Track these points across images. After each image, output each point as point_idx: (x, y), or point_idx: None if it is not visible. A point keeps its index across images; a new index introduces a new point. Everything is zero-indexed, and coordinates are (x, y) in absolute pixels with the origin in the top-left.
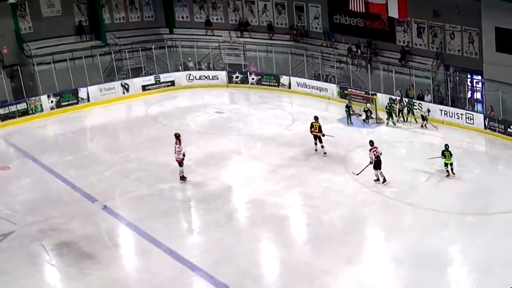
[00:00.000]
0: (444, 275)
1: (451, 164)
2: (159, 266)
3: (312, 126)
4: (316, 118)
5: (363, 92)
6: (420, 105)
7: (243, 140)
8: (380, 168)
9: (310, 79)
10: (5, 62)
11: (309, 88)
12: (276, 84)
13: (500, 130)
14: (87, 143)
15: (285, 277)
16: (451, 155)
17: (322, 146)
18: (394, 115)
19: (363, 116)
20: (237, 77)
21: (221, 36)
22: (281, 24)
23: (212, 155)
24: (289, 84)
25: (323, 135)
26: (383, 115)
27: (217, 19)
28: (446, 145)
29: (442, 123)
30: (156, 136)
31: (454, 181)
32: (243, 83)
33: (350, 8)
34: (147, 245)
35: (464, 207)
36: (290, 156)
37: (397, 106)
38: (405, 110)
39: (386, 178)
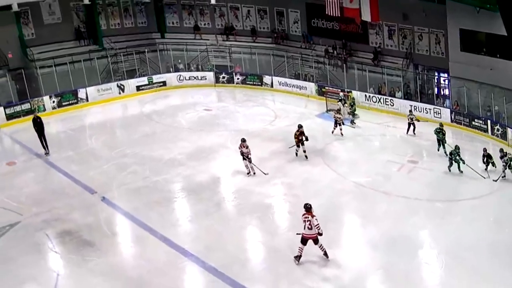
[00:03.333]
0: (416, 257)
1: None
2: (154, 252)
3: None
4: (300, 126)
5: (339, 90)
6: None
7: (230, 135)
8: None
9: (291, 78)
10: (10, 66)
11: (290, 86)
12: (260, 84)
13: (465, 123)
14: (86, 140)
15: (270, 261)
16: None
17: (304, 151)
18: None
19: (350, 118)
20: (223, 77)
21: (208, 40)
22: (264, 28)
23: (202, 149)
24: (272, 83)
25: (306, 139)
26: (358, 111)
27: (204, 24)
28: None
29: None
30: (150, 132)
31: (423, 170)
32: (229, 83)
33: (327, 12)
34: (143, 233)
35: (433, 194)
36: (272, 150)
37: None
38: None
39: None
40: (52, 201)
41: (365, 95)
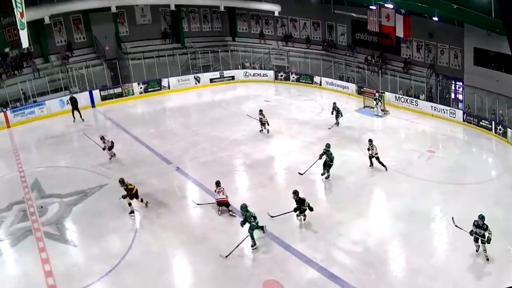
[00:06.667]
0: (429, 228)
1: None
2: (216, 214)
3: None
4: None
5: (375, 91)
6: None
7: (284, 123)
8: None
9: (336, 79)
10: (106, 57)
11: (335, 86)
12: (311, 82)
13: (474, 123)
14: (166, 120)
15: (312, 226)
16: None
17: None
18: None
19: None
20: (281, 75)
21: (271, 44)
22: (316, 37)
23: (260, 132)
24: (320, 82)
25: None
26: (389, 108)
27: (268, 32)
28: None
29: (432, 116)
30: (219, 117)
31: (439, 158)
32: (285, 80)
33: (368, 28)
34: (208, 198)
35: (446, 178)
36: (318, 136)
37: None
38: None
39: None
40: (134, 169)
41: (395, 96)
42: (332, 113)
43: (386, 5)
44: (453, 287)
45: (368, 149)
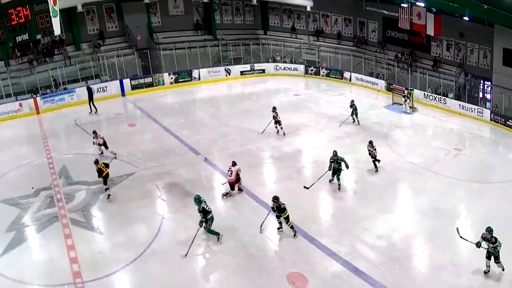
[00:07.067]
0: (454, 225)
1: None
2: (242, 205)
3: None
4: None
5: (404, 88)
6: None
7: (313, 117)
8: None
9: (366, 75)
10: (138, 46)
11: (364, 82)
12: (340, 77)
13: (501, 122)
14: (196, 111)
15: (337, 219)
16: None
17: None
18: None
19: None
20: (311, 70)
21: (302, 39)
22: (347, 33)
23: (289, 126)
24: (350, 78)
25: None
26: (417, 105)
27: (300, 26)
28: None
29: (460, 115)
30: (249, 109)
31: (465, 157)
32: (316, 75)
33: (399, 25)
34: (236, 189)
35: (471, 176)
36: (346, 131)
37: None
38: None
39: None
40: (163, 158)
41: (424, 94)
42: (352, 113)
43: (417, 3)
44: (476, 284)
45: (369, 152)
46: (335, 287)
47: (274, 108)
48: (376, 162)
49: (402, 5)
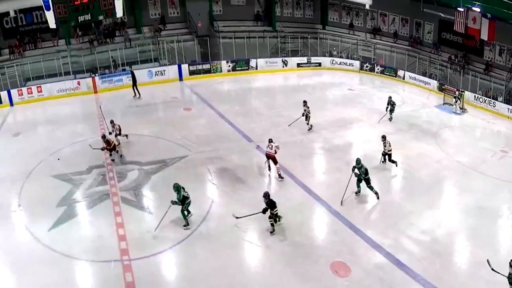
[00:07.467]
0: (496, 224)
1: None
2: (292, 193)
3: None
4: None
5: (455, 89)
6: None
7: (365, 112)
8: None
9: (419, 75)
10: (198, 33)
11: (417, 81)
12: (394, 75)
13: None
14: (251, 99)
15: (384, 212)
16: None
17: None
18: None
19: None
20: (366, 66)
21: (359, 36)
22: (403, 33)
23: (341, 119)
24: (404, 76)
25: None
26: (467, 107)
27: (357, 23)
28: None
29: (508, 118)
30: (303, 101)
31: (511, 159)
32: (370, 71)
33: (454, 28)
34: (286, 177)
35: None
36: (397, 127)
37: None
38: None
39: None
40: (216, 143)
41: (474, 96)
42: (387, 108)
43: (473, 8)
44: None
45: (384, 146)
46: (377, 278)
47: (305, 102)
48: (386, 156)
49: (459, 9)
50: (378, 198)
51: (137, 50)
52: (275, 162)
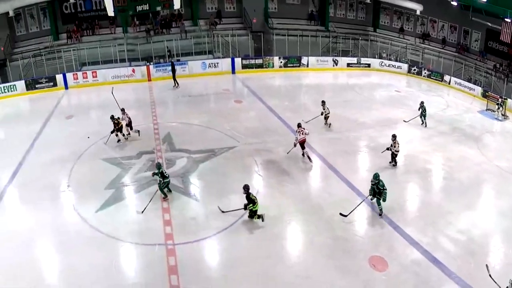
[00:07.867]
0: None
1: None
2: (335, 188)
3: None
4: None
5: (499, 96)
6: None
7: (411, 113)
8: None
9: (464, 80)
10: (252, 29)
11: (462, 86)
12: (441, 80)
13: None
14: (300, 95)
15: (423, 211)
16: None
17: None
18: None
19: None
20: (414, 69)
21: (408, 40)
22: (451, 40)
23: (387, 119)
24: (449, 81)
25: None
26: (509, 114)
27: (408, 28)
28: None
29: None
30: (351, 99)
31: None
32: (418, 75)
33: (501, 38)
34: (330, 172)
35: None
36: (440, 130)
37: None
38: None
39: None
40: (264, 136)
41: None
42: (419, 109)
43: None
44: None
45: (391, 145)
46: (413, 274)
47: (323, 102)
48: (394, 156)
49: (506, 19)
50: (380, 215)
51: (192, 42)
52: (303, 147)
